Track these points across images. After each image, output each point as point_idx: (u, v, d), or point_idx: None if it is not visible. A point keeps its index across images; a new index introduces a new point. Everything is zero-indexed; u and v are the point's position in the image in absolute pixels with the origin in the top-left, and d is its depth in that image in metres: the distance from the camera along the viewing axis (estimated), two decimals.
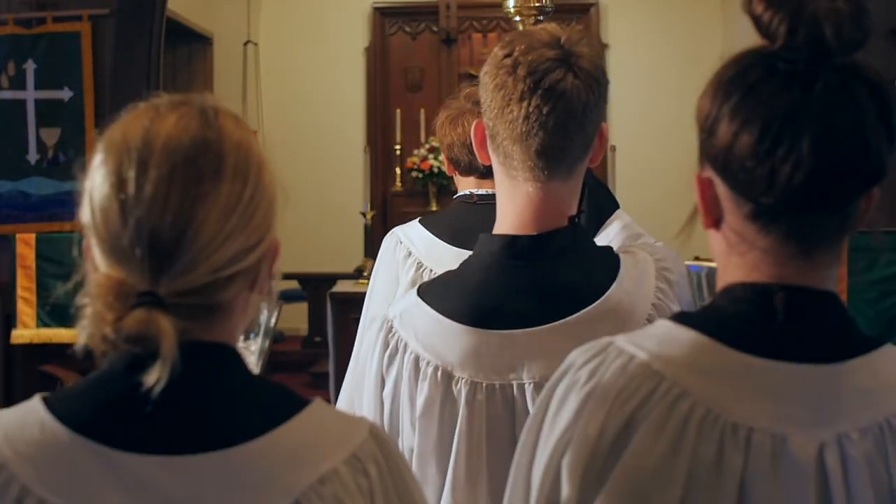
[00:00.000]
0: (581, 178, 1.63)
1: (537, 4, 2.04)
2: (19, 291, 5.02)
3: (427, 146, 8.38)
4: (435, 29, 8.85)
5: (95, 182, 1.03)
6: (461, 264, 1.66)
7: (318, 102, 8.75)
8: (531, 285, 1.55)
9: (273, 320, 2.34)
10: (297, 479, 1.03)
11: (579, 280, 1.57)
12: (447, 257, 2.36)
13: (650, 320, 1.52)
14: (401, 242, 2.50)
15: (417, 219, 2.58)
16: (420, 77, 8.81)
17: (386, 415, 1.62)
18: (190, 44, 7.87)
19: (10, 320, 5.07)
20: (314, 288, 7.14)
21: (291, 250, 1.57)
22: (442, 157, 2.63)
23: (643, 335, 1.14)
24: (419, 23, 8.90)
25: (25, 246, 5.04)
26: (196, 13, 7.59)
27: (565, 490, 1.09)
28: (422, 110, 8.40)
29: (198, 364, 1.02)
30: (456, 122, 2.51)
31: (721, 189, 1.10)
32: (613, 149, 7.47)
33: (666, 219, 2.23)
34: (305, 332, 7.69)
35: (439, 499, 1.57)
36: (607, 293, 1.55)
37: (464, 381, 1.55)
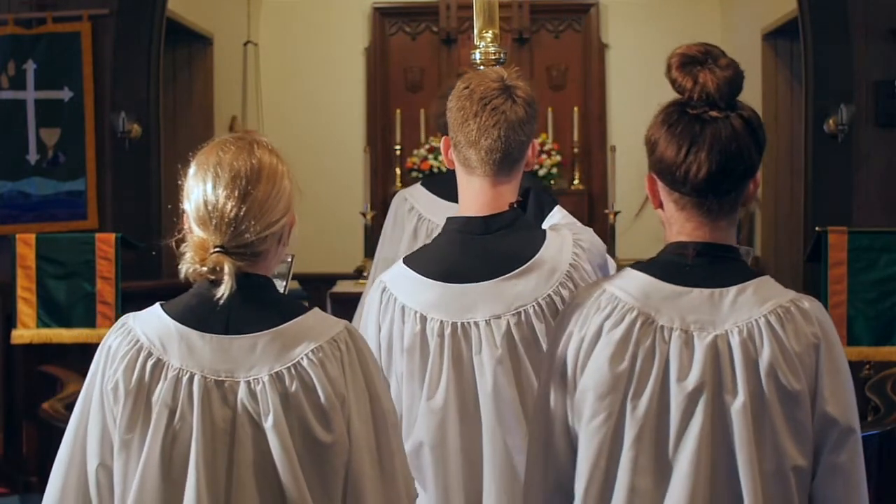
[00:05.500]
0: (519, 177, 2.26)
1: (494, 57, 3.04)
2: (19, 291, 5.02)
3: (427, 146, 8.39)
4: (435, 29, 8.86)
5: (190, 186, 1.81)
6: (433, 239, 2.29)
7: (318, 102, 8.75)
8: (481, 252, 2.17)
9: (289, 271, 3.01)
10: (297, 351, 1.77)
11: (516, 248, 2.19)
12: (441, 209, 3.21)
13: (569, 274, 2.18)
14: (406, 199, 3.50)
15: (420, 181, 3.54)
16: (420, 77, 8.81)
17: (383, 351, 2.21)
18: (190, 44, 7.85)
19: (10, 320, 5.07)
20: (314, 288, 7.13)
21: (291, 250, 1.86)
22: (440, 142, 3.19)
23: (616, 277, 1.88)
24: (419, 23, 8.90)
25: (25, 246, 5.04)
26: (196, 13, 7.59)
27: (569, 370, 1.84)
28: (422, 110, 8.38)
29: (244, 285, 1.76)
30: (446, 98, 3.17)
31: (659, 185, 1.85)
32: (613, 149, 7.48)
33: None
34: None
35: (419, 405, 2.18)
36: (535, 256, 2.18)
37: (435, 321, 2.15)
